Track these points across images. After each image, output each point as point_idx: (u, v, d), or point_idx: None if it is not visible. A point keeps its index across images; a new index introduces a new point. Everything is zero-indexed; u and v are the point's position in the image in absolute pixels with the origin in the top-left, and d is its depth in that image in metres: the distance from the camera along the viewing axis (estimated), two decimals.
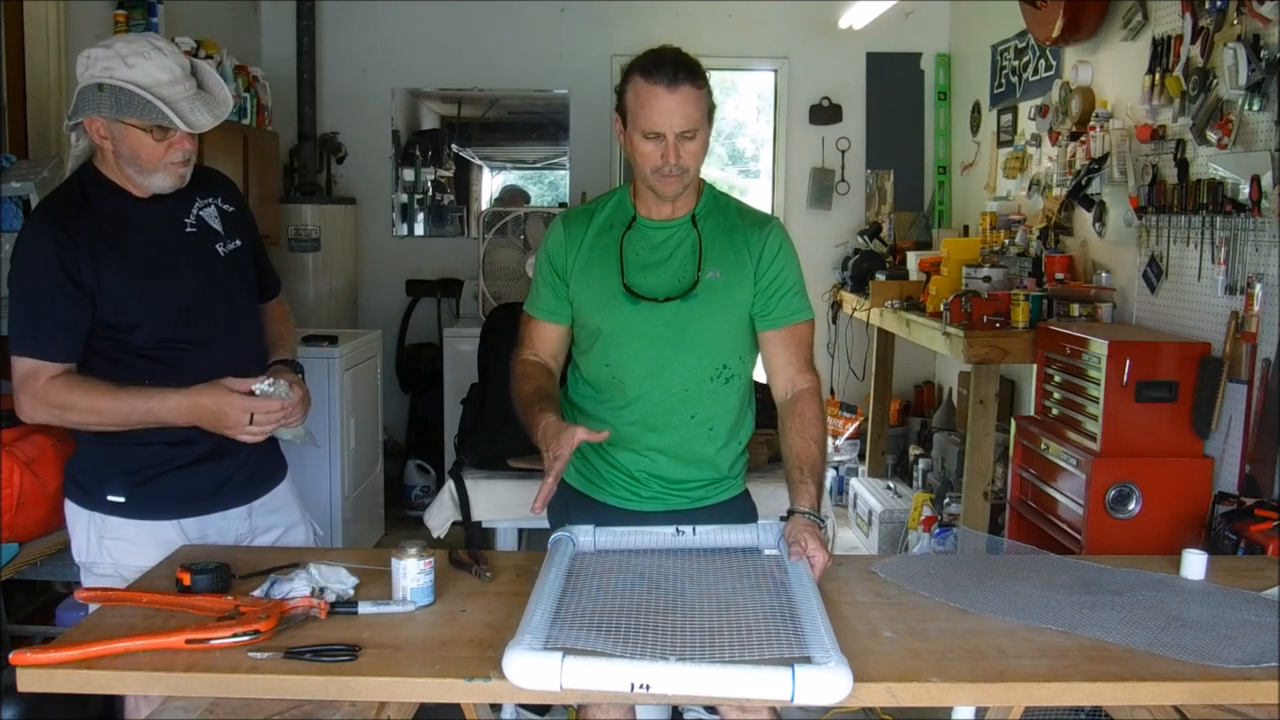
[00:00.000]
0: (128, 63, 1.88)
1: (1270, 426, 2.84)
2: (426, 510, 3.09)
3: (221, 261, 2.10)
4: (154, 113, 1.88)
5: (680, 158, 1.93)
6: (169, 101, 1.89)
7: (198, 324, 2.04)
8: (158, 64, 1.90)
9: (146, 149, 1.93)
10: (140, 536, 2.03)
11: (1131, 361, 3.04)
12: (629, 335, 2.03)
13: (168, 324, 2.01)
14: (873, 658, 1.53)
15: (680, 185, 1.98)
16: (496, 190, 6.15)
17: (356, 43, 5.68)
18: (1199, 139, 3.17)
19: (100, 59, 1.90)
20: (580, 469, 2.15)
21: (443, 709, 1.62)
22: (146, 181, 1.98)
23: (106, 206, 1.98)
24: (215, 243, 2.10)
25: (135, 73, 1.88)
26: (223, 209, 2.12)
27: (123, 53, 1.89)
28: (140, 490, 2.03)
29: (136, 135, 1.91)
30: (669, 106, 1.89)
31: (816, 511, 1.92)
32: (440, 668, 1.51)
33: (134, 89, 1.87)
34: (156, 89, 1.88)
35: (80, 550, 2.08)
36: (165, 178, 1.98)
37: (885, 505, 4.76)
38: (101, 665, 1.50)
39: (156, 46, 1.92)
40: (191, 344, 2.03)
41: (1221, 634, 1.61)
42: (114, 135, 1.93)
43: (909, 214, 5.56)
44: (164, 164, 1.96)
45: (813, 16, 5.71)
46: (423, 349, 5.61)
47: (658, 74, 1.89)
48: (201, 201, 2.08)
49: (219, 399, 1.93)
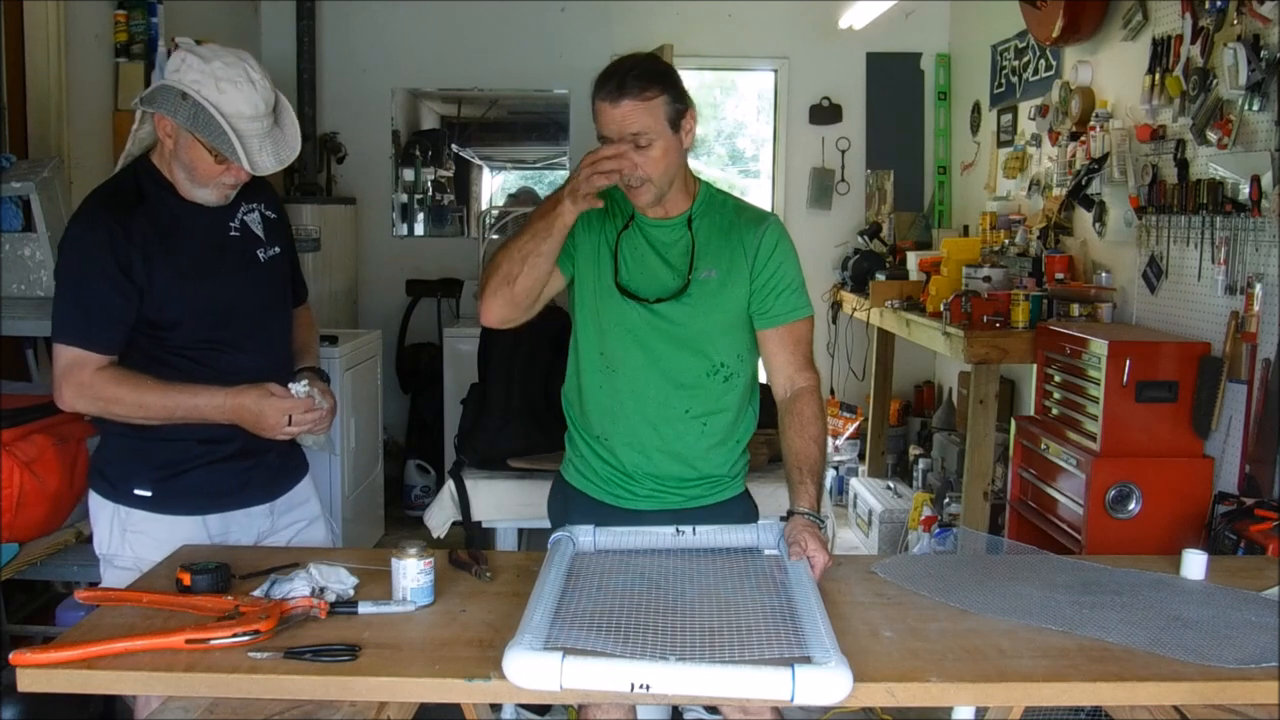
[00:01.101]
0: (219, 87, 1.88)
1: (1270, 426, 2.84)
2: (426, 510, 3.09)
3: (262, 267, 2.13)
4: (225, 144, 1.89)
5: (636, 168, 1.90)
6: (242, 137, 1.90)
7: (235, 327, 2.07)
8: (246, 97, 1.90)
9: (204, 165, 1.94)
10: (162, 531, 2.05)
11: (1131, 361, 3.04)
12: (623, 331, 2.03)
13: (206, 325, 2.03)
14: (873, 658, 1.53)
15: (652, 194, 1.96)
16: (497, 190, 6.15)
17: (356, 43, 5.68)
18: (1199, 139, 3.17)
19: (194, 69, 1.90)
20: (578, 466, 2.16)
21: (443, 709, 1.62)
22: (195, 192, 2.00)
23: (160, 204, 2.00)
24: (257, 248, 2.12)
25: (222, 99, 1.88)
26: (266, 216, 2.15)
27: (218, 75, 1.89)
28: (166, 485, 2.05)
29: (200, 150, 1.92)
30: (614, 117, 1.88)
31: (816, 512, 1.92)
32: (440, 668, 1.51)
33: (214, 113, 1.88)
34: (235, 120, 1.89)
35: (102, 542, 2.09)
36: (212, 194, 2.00)
37: (885, 505, 4.76)
38: (101, 665, 1.50)
39: (251, 79, 1.91)
40: (227, 346, 2.06)
41: (1221, 634, 1.61)
42: (179, 140, 1.94)
43: (909, 214, 5.57)
44: (215, 183, 1.98)
45: (813, 16, 5.71)
46: (423, 349, 5.61)
47: (603, 88, 1.89)
48: (246, 207, 2.10)
49: (260, 400, 1.98)
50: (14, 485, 2.51)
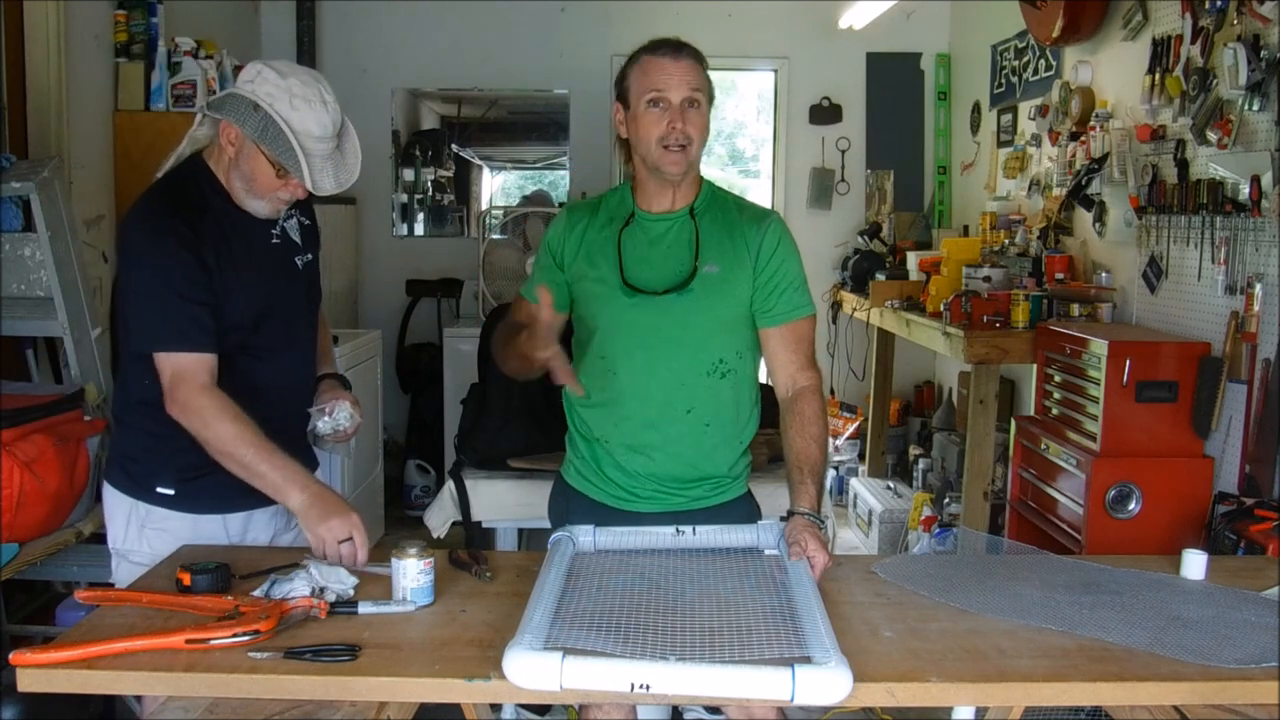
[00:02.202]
0: (293, 105, 1.89)
1: (1270, 426, 2.84)
2: (426, 510, 3.10)
3: (299, 275, 2.13)
4: (291, 160, 1.89)
5: (685, 124, 1.94)
6: (308, 155, 1.90)
7: (272, 333, 2.06)
8: (317, 119, 1.91)
9: (264, 177, 1.94)
10: (183, 529, 2.05)
11: (1131, 361, 3.04)
12: (625, 329, 2.03)
13: (246, 330, 2.02)
14: (873, 658, 1.53)
15: (685, 162, 1.98)
16: (497, 190, 6.15)
17: (356, 43, 5.68)
18: (1199, 139, 3.17)
19: (269, 82, 1.90)
20: (579, 468, 2.15)
21: (443, 709, 1.62)
22: (249, 203, 2.00)
23: (218, 206, 1.99)
24: (295, 255, 2.13)
25: (294, 116, 1.89)
26: (303, 223, 2.16)
27: (294, 91, 1.89)
28: (189, 485, 2.04)
29: (262, 162, 1.92)
30: (674, 71, 1.95)
31: (817, 512, 1.92)
32: (440, 668, 1.51)
33: (286, 130, 1.88)
34: (304, 139, 1.89)
35: (117, 538, 2.08)
36: (266, 206, 2.00)
37: (885, 505, 4.76)
38: (101, 665, 1.50)
39: (325, 100, 1.93)
40: (264, 351, 2.05)
41: (1221, 634, 1.61)
42: (242, 150, 1.93)
43: (909, 214, 5.57)
44: (271, 197, 1.98)
45: (813, 16, 5.71)
46: (423, 349, 5.61)
47: (663, 47, 1.99)
48: (286, 213, 2.10)
49: (333, 508, 1.89)
50: (14, 485, 2.51)
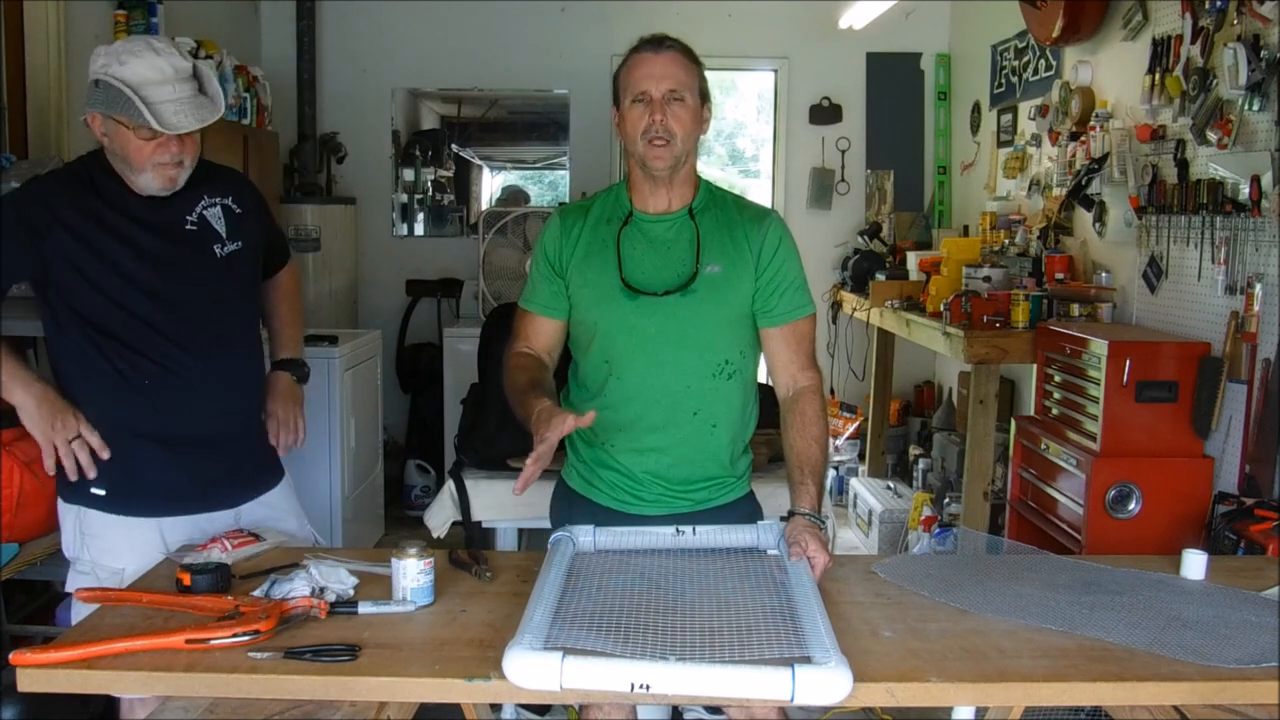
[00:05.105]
0: (120, 60, 1.92)
1: (1270, 426, 2.84)
2: (426, 510, 3.09)
3: (218, 263, 2.10)
4: (131, 109, 1.90)
5: (666, 118, 1.94)
6: (149, 103, 1.91)
7: (181, 322, 2.04)
8: (149, 63, 1.92)
9: (134, 147, 1.96)
10: (117, 536, 2.03)
11: (1131, 361, 3.03)
12: (627, 331, 2.01)
13: (147, 313, 2.01)
14: (873, 658, 1.53)
15: (669, 156, 1.97)
16: (497, 190, 6.15)
17: (356, 43, 5.68)
18: (1199, 139, 3.17)
19: (101, 55, 1.95)
20: (581, 472, 2.14)
21: (443, 709, 1.62)
22: (137, 180, 2.00)
23: (107, 189, 2.02)
24: (214, 244, 2.10)
25: (125, 70, 1.91)
26: (230, 209, 2.12)
27: (118, 51, 1.94)
28: (121, 484, 2.03)
29: (126, 134, 1.94)
30: (654, 67, 1.98)
31: (817, 512, 1.91)
32: (440, 668, 1.51)
33: (121, 86, 1.90)
34: (142, 88, 1.91)
35: (68, 545, 2.09)
36: (153, 179, 1.99)
37: (885, 505, 4.76)
38: (101, 665, 1.50)
39: (153, 47, 1.95)
40: (169, 341, 2.03)
41: (1221, 634, 1.61)
42: (109, 132, 1.96)
43: (909, 214, 5.56)
44: (151, 164, 1.98)
45: (813, 16, 5.71)
46: (423, 349, 5.61)
47: (645, 43, 2.02)
48: (208, 200, 2.09)
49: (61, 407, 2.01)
50: (14, 485, 2.50)
